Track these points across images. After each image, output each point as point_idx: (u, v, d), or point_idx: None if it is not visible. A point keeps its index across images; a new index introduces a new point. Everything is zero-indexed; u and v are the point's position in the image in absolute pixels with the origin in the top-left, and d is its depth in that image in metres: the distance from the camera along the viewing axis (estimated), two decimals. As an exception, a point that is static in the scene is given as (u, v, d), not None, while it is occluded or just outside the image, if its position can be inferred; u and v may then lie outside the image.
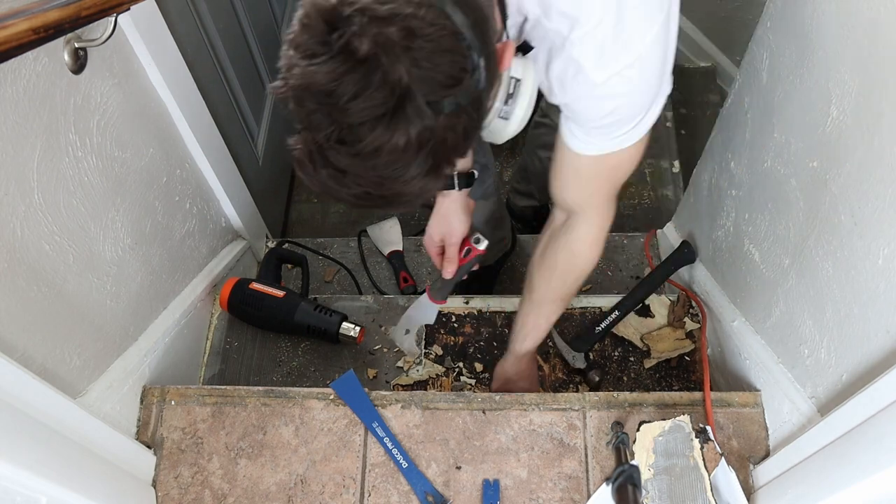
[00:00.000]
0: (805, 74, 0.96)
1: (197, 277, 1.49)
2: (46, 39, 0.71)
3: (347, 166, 0.61)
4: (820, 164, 0.94)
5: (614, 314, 1.42)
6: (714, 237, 1.37)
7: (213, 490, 1.13)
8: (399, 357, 1.46)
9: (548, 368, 1.43)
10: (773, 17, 1.03)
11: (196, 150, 1.41)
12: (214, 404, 1.20)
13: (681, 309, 1.45)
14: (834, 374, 0.95)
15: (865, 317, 0.87)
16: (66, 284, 1.01)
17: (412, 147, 0.59)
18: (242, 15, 1.83)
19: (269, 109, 2.06)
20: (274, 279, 1.58)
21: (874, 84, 0.80)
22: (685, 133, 2.33)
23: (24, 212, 0.90)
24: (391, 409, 1.17)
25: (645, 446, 1.09)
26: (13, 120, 0.86)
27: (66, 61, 0.95)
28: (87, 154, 1.03)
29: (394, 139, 0.58)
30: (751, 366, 1.20)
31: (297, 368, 1.49)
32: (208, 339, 1.53)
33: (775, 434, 1.11)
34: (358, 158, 0.60)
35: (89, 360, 1.08)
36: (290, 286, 1.86)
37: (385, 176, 0.61)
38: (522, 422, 1.16)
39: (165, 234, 1.32)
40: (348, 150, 0.59)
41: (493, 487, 1.10)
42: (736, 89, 1.19)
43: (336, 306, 1.55)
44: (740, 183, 1.22)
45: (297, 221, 2.27)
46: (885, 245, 0.81)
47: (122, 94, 1.12)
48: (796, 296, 1.04)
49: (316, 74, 0.58)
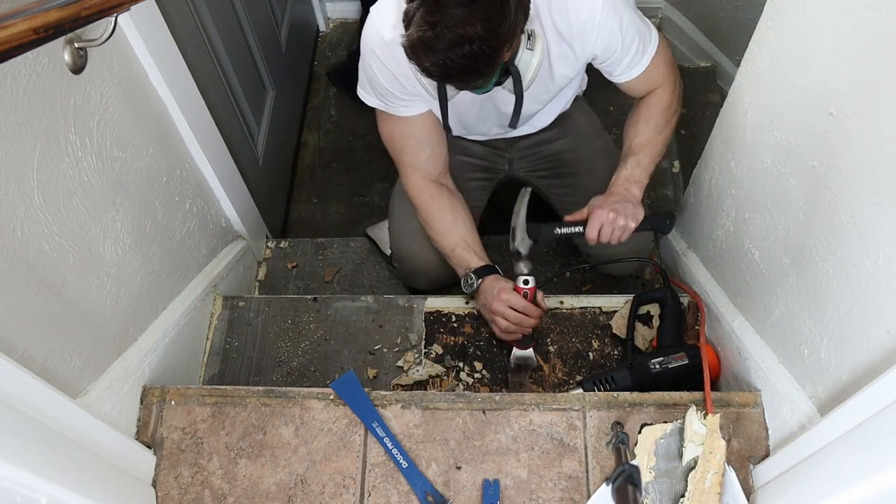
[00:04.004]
0: (805, 74, 0.96)
1: (197, 277, 1.49)
2: (46, 39, 0.71)
3: (458, 14, 0.90)
4: (820, 164, 0.94)
5: (579, 229, 1.30)
6: (714, 237, 1.37)
7: (213, 490, 1.13)
8: (399, 357, 1.46)
9: (548, 368, 1.43)
10: (773, 17, 1.03)
11: (196, 150, 1.41)
12: (214, 404, 1.20)
13: (691, 317, 1.45)
14: (834, 373, 0.95)
15: (865, 317, 0.87)
16: (66, 284, 1.01)
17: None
18: (242, 15, 1.84)
19: (269, 109, 2.07)
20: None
21: (874, 84, 0.80)
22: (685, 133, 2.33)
23: (24, 212, 0.90)
24: (391, 409, 1.17)
25: (646, 449, 1.09)
26: (13, 120, 0.86)
27: (66, 61, 0.94)
28: (87, 154, 1.03)
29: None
30: (751, 366, 1.20)
31: (297, 368, 1.49)
32: (208, 339, 1.53)
33: (775, 434, 1.11)
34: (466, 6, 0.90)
35: (89, 360, 1.08)
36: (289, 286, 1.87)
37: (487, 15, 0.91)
38: (522, 422, 1.16)
39: (165, 234, 1.32)
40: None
41: (493, 487, 1.10)
42: (736, 89, 1.19)
43: (336, 306, 1.55)
44: (740, 183, 1.22)
45: (297, 221, 2.27)
46: (885, 245, 0.81)
47: (122, 94, 1.12)
48: (796, 295, 1.04)
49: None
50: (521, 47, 1.07)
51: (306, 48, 2.60)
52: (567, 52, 1.23)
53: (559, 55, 1.23)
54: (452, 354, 1.45)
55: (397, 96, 1.27)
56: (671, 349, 1.33)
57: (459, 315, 1.51)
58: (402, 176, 1.40)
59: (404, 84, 1.24)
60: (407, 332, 1.49)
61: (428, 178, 1.37)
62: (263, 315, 1.56)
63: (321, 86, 2.59)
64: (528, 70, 1.09)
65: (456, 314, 1.51)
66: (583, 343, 1.46)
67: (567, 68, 1.27)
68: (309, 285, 1.87)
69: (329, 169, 2.39)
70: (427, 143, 1.35)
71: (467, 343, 1.47)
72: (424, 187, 1.37)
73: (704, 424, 1.08)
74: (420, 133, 1.33)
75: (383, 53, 1.20)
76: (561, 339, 1.46)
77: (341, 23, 2.75)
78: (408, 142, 1.34)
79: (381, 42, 1.19)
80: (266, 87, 2.07)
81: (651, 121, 1.35)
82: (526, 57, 1.08)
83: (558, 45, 1.21)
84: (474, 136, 1.56)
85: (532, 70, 1.09)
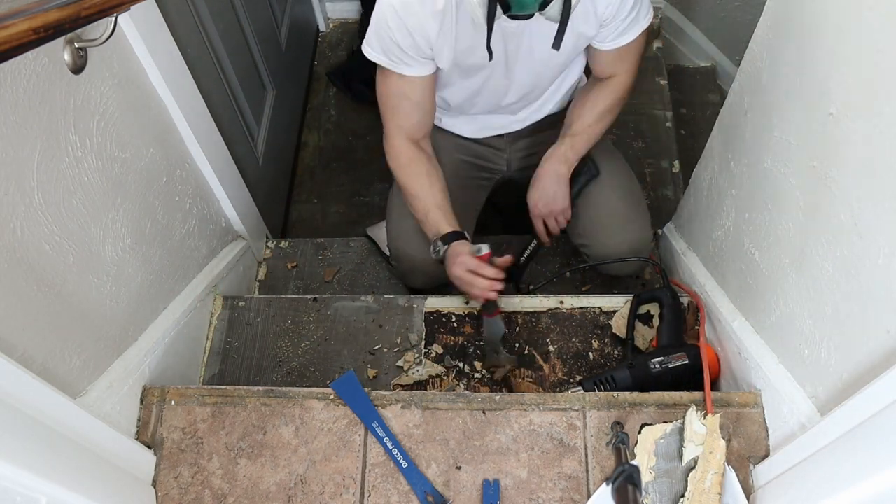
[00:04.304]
0: (805, 74, 0.96)
1: (197, 277, 1.49)
2: (46, 39, 0.71)
3: None
4: (820, 164, 0.94)
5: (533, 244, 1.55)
6: (714, 237, 1.37)
7: (213, 490, 1.13)
8: (399, 357, 1.46)
9: (548, 368, 1.43)
10: (773, 17, 1.03)
11: (196, 150, 1.41)
12: (214, 404, 1.20)
13: (691, 317, 1.45)
14: (834, 373, 0.95)
15: (865, 317, 0.87)
16: (66, 284, 1.01)
17: None
18: (242, 15, 1.84)
19: (269, 109, 2.07)
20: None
21: (874, 83, 0.80)
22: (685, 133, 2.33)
23: (24, 212, 0.90)
24: (391, 409, 1.17)
25: (646, 449, 1.09)
26: (13, 120, 0.86)
27: (66, 61, 0.95)
28: (87, 154, 1.03)
29: None
30: (751, 366, 1.19)
31: (297, 368, 1.49)
32: (208, 339, 1.53)
33: (775, 434, 1.11)
34: None
35: (89, 360, 1.08)
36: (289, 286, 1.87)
37: None
38: (522, 422, 1.16)
39: (165, 234, 1.32)
40: None
41: (493, 487, 1.10)
42: (736, 89, 1.19)
43: (336, 306, 1.55)
44: (740, 183, 1.22)
45: (297, 221, 2.27)
46: (885, 245, 0.81)
47: (122, 94, 1.12)
48: (796, 295, 1.04)
49: None
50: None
51: (306, 48, 2.60)
52: (588, 4, 1.25)
53: (582, 12, 1.26)
54: (452, 354, 1.45)
55: (407, 53, 1.27)
56: (671, 349, 1.33)
57: (459, 315, 1.51)
58: (386, 135, 1.41)
59: (418, 42, 1.24)
60: (407, 332, 1.49)
61: (410, 139, 1.39)
62: (263, 315, 1.56)
63: (321, 86, 2.59)
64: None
65: (456, 314, 1.51)
66: (583, 343, 1.46)
67: (586, 24, 1.29)
68: (309, 285, 1.87)
69: (329, 169, 2.39)
70: (420, 107, 1.36)
71: (467, 343, 1.47)
72: (406, 149, 1.39)
73: (704, 424, 1.08)
74: (417, 95, 1.34)
75: (403, 7, 1.20)
76: (561, 339, 1.46)
77: (341, 23, 2.75)
78: (402, 102, 1.35)
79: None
80: (266, 87, 2.07)
81: (597, 107, 1.43)
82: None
83: (581, 3, 1.23)
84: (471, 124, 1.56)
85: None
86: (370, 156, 2.36)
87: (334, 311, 1.55)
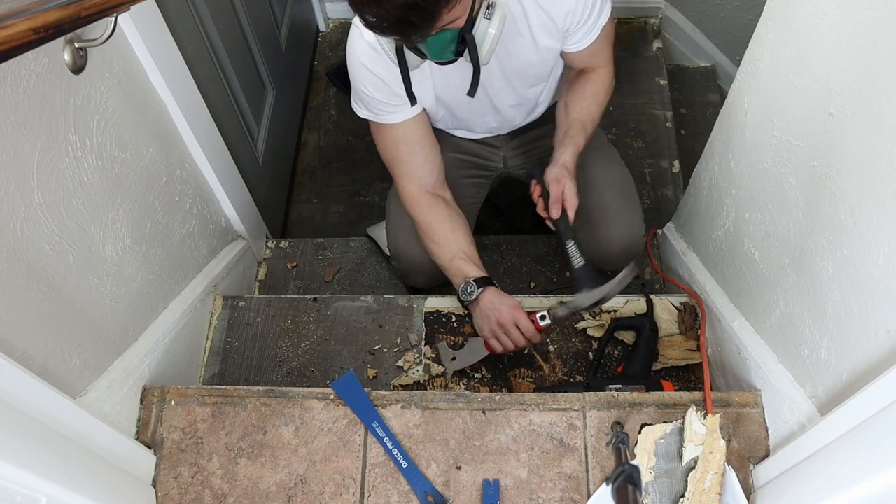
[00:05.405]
0: (805, 74, 0.96)
1: (197, 277, 1.49)
2: (46, 39, 0.71)
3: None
4: (820, 163, 0.94)
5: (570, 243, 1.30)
6: (714, 237, 1.37)
7: (213, 490, 1.13)
8: (399, 357, 1.46)
9: (548, 368, 1.43)
10: (773, 17, 1.03)
11: (196, 150, 1.41)
12: (214, 404, 1.20)
13: (690, 317, 1.45)
14: (834, 373, 0.95)
15: (865, 316, 0.87)
16: (66, 284, 1.01)
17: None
18: (242, 15, 1.84)
19: (269, 109, 2.07)
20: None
21: (874, 84, 0.80)
22: (685, 133, 2.33)
23: (24, 212, 0.90)
24: (391, 409, 1.17)
25: (646, 449, 1.09)
26: (13, 120, 0.86)
27: (66, 61, 0.95)
28: (87, 154, 1.03)
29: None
30: (751, 366, 1.20)
31: (297, 368, 1.49)
32: (208, 339, 1.53)
33: (775, 434, 1.11)
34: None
35: (89, 360, 1.08)
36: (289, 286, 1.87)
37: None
38: (522, 422, 1.16)
39: (165, 234, 1.32)
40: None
41: (493, 487, 1.10)
42: (736, 89, 1.19)
43: (336, 306, 1.55)
44: (740, 182, 1.22)
45: (297, 221, 2.27)
46: (885, 245, 0.81)
47: (122, 94, 1.12)
48: (796, 295, 1.04)
49: None
50: (479, 17, 1.08)
51: (306, 48, 2.60)
52: (546, 20, 1.25)
53: (540, 24, 1.26)
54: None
55: (387, 103, 1.29)
56: (633, 379, 1.32)
57: (459, 315, 1.51)
58: (399, 187, 1.40)
59: (391, 86, 1.25)
60: (407, 332, 1.49)
61: (424, 188, 1.38)
62: (263, 315, 1.56)
63: (321, 86, 2.59)
64: (485, 40, 1.10)
65: (456, 314, 1.51)
66: (583, 343, 1.46)
67: (550, 38, 1.29)
68: (309, 285, 1.87)
69: (329, 169, 2.39)
70: (419, 146, 1.36)
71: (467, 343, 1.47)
72: (421, 198, 1.37)
73: (704, 424, 1.08)
74: (411, 137, 1.35)
75: (369, 59, 1.23)
76: (561, 339, 1.46)
77: (341, 23, 2.75)
78: (400, 148, 1.35)
79: (366, 47, 1.22)
80: (266, 87, 2.07)
81: (598, 98, 1.42)
82: (483, 27, 1.09)
83: (537, 15, 1.24)
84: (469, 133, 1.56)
85: (489, 40, 1.10)
86: (370, 156, 2.36)
87: (334, 311, 1.55)
